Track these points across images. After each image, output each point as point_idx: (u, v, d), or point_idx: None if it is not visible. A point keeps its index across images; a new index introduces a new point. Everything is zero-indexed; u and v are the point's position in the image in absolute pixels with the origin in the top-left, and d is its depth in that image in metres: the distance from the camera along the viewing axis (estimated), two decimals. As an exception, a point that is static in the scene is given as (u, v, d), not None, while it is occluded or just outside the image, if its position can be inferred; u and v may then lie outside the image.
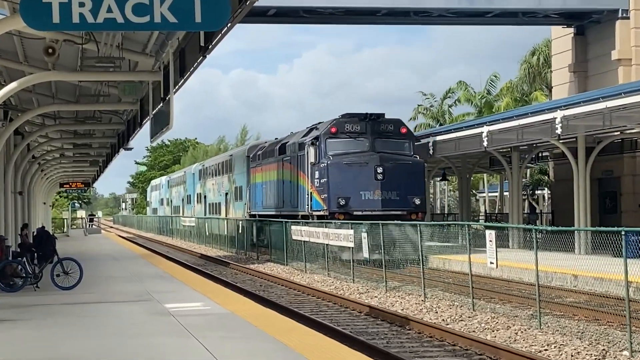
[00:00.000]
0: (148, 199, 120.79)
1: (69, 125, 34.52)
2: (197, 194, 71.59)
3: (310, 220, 36.01)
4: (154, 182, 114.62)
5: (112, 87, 25.10)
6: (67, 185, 71.81)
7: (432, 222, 37.84)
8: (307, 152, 37.26)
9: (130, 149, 35.57)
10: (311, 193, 37.07)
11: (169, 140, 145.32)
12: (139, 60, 21.49)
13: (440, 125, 74.94)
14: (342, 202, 35.04)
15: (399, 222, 30.67)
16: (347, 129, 36.35)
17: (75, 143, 41.08)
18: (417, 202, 35.38)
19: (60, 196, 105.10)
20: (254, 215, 47.54)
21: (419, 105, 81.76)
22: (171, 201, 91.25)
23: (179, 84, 20.50)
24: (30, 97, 28.52)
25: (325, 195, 35.61)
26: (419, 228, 26.32)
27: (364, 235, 29.06)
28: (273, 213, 43.14)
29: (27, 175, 41.82)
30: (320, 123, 38.92)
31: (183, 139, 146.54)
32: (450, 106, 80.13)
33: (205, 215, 65.39)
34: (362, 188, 35.09)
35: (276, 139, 47.89)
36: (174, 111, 19.35)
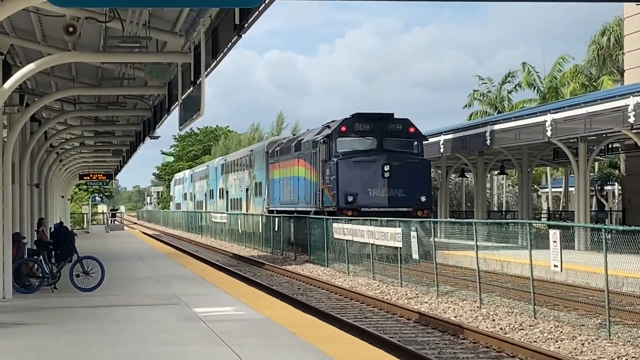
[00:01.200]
0: (171, 193, 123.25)
1: (90, 111, 34.80)
2: (220, 189, 76.04)
3: (354, 218, 36.38)
4: (177, 176, 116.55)
5: (138, 70, 25.25)
6: (88, 177, 72.33)
7: (489, 220, 37.72)
8: (319, 150, 41.64)
9: (157, 137, 35.79)
10: (322, 190, 41.29)
11: (199, 129, 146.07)
12: (168, 40, 21.60)
13: (499, 112, 74.58)
14: (350, 199, 39.34)
15: (453, 219, 30.89)
16: (357, 128, 40.68)
17: (97, 131, 41.39)
18: (423, 199, 39.38)
19: (80, 189, 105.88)
20: (272, 211, 51.73)
21: (474, 90, 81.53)
22: (194, 196, 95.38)
23: (211, 66, 20.60)
24: (48, 80, 28.77)
25: (334, 192, 39.82)
26: (474, 227, 26.24)
27: (414, 234, 29.04)
28: (289, 209, 47.43)
29: (44, 165, 42.18)
30: (333, 121, 43.06)
31: (214, 127, 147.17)
32: (509, 92, 79.73)
33: (227, 210, 69.44)
34: (369, 185, 39.44)
35: (293, 135, 54.34)
36: (205, 96, 19.43)
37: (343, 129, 40.52)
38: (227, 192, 72.63)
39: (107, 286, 23.15)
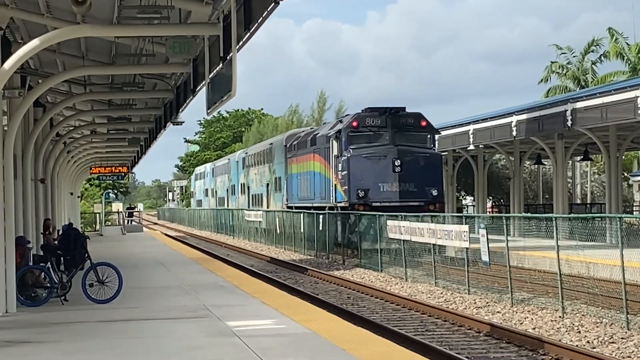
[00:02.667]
0: (192, 189, 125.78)
1: (102, 94, 34.98)
2: (241, 184, 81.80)
3: (411, 214, 36.45)
4: (198, 170, 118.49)
5: (158, 45, 25.33)
6: (100, 169, 72.75)
7: (572, 215, 37.56)
8: (331, 145, 47.50)
9: (180, 123, 35.87)
10: (335, 185, 46.97)
11: (228, 112, 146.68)
12: (192, 10, 21.64)
13: (582, 87, 74.18)
14: (362, 194, 44.59)
15: (529, 214, 30.88)
16: (368, 123, 46.30)
17: (110, 117, 41.60)
18: (435, 193, 44.53)
19: (91, 185, 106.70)
20: (291, 207, 57.69)
21: (552, 62, 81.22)
22: (216, 192, 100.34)
23: (243, 39, 20.59)
24: (54, 58, 28.95)
25: (346, 187, 45.32)
26: (554, 222, 26.15)
27: (483, 232, 28.97)
28: (306, 205, 53.29)
29: (50, 158, 42.48)
30: (346, 115, 49.72)
31: (245, 109, 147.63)
32: (594, 63, 79.26)
33: (249, 207, 74.79)
34: (380, 180, 44.71)
35: (312, 128, 62.15)
36: (236, 74, 19.45)
37: (354, 123, 46.04)
38: (248, 187, 77.78)
39: (125, 297, 23.32)
